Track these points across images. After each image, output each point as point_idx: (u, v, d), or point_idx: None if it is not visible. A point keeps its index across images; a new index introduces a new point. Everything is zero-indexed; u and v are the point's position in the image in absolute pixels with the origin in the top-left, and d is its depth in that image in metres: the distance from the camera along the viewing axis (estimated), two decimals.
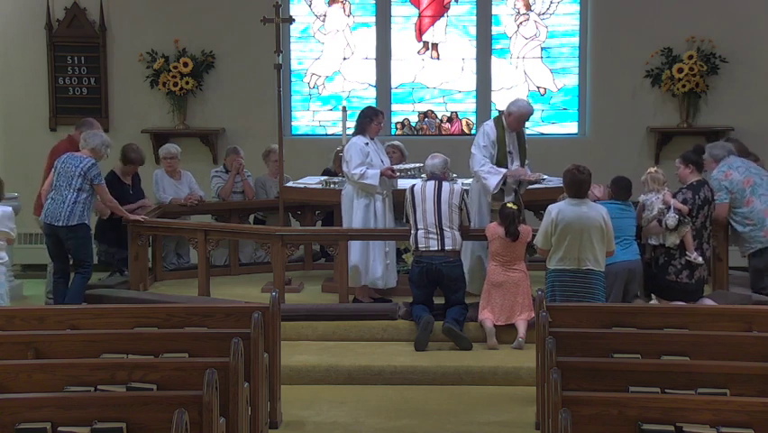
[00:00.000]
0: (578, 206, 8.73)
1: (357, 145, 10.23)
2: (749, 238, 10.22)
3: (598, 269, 8.72)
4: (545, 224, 8.79)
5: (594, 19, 13.30)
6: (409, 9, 13.59)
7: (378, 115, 10.49)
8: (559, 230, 8.67)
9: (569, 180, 8.82)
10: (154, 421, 5.62)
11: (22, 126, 13.37)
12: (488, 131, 10.16)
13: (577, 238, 8.65)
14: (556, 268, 8.73)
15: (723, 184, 10.15)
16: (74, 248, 10.20)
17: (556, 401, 5.73)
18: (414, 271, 9.68)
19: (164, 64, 13.15)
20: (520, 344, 9.32)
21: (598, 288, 8.73)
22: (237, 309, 7.73)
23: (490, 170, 10.02)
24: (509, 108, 10.21)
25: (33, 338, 6.97)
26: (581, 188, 8.77)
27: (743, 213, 10.21)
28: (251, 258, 12.00)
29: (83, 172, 10.10)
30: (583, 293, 8.66)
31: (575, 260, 8.68)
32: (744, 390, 6.14)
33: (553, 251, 8.74)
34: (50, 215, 10.16)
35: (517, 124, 10.17)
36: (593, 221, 8.68)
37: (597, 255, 8.69)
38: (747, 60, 13.08)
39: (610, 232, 8.76)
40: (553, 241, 8.71)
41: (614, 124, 13.23)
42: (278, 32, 10.82)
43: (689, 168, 9.75)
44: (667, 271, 9.53)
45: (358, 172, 10.08)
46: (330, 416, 8.24)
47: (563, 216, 8.68)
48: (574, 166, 8.91)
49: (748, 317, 7.49)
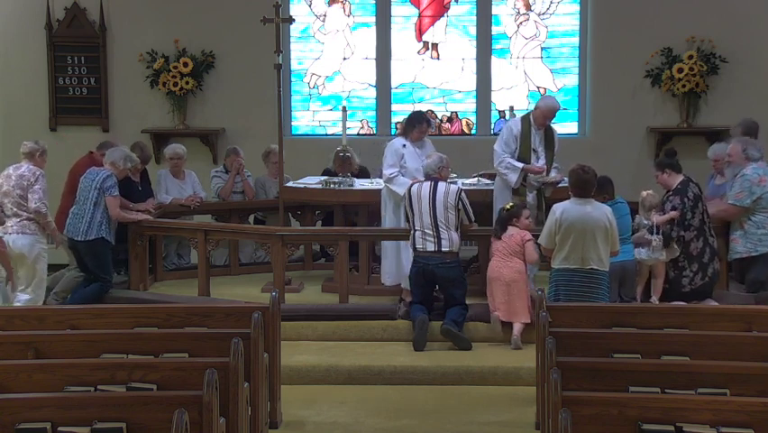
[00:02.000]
0: (582, 205, 8.73)
1: (393, 146, 10.28)
2: (756, 240, 10.10)
3: (602, 268, 8.71)
4: (549, 223, 8.79)
5: (594, 19, 13.30)
6: (409, 9, 13.59)
7: (422, 123, 10.36)
8: (563, 229, 8.66)
9: (574, 180, 8.82)
10: (154, 421, 5.62)
11: (22, 126, 13.35)
12: (511, 125, 10.20)
13: (581, 237, 8.64)
14: (560, 267, 8.72)
15: (754, 189, 9.94)
16: (91, 264, 10.29)
17: (556, 401, 5.73)
18: (412, 271, 9.70)
19: (164, 64, 13.15)
20: (516, 342, 9.34)
21: (603, 287, 8.72)
22: (237, 309, 7.73)
23: (508, 166, 10.04)
24: (537, 103, 10.31)
25: (33, 338, 6.97)
26: (586, 187, 8.77)
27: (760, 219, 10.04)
28: (251, 258, 12.00)
29: (98, 185, 10.16)
30: (587, 293, 8.64)
31: (579, 259, 8.66)
32: (744, 390, 6.14)
33: (557, 250, 8.73)
34: (71, 229, 10.31)
35: (543, 119, 10.18)
36: (598, 221, 8.68)
37: (601, 255, 8.68)
38: (747, 60, 13.08)
39: (615, 232, 8.76)
40: (558, 240, 8.70)
41: (614, 124, 13.23)
42: (278, 32, 10.82)
43: (665, 173, 9.77)
44: (681, 283, 9.59)
45: (387, 173, 10.11)
46: (330, 416, 8.24)
47: (568, 216, 8.68)
48: (579, 166, 8.91)
49: (748, 317, 7.49)
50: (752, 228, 10.03)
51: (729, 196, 10.09)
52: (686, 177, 9.78)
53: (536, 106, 10.26)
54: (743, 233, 10.08)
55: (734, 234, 10.16)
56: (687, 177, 9.79)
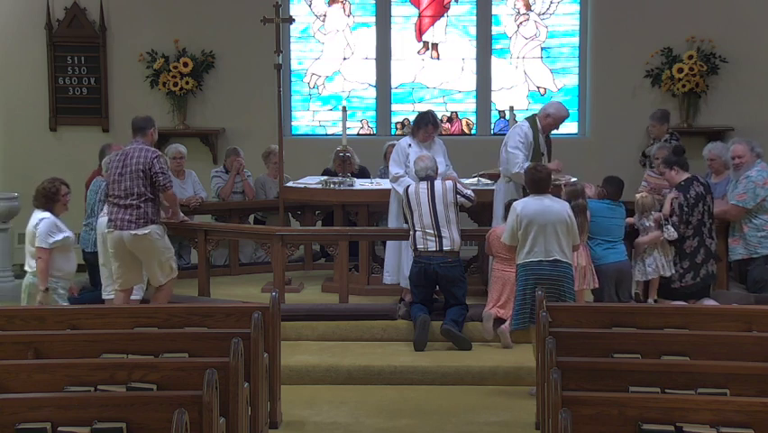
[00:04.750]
0: (541, 199, 8.76)
1: (400, 146, 10.32)
2: (755, 242, 10.10)
3: (566, 260, 8.69)
4: (510, 220, 8.82)
5: (594, 19, 13.30)
6: (409, 9, 13.59)
7: (427, 125, 10.31)
8: (524, 224, 8.67)
9: (529, 179, 8.89)
10: (154, 421, 5.62)
11: (22, 126, 13.37)
12: (525, 131, 10.13)
13: (542, 230, 8.65)
14: (525, 261, 8.70)
15: (758, 191, 9.96)
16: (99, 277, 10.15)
17: (556, 401, 5.73)
18: (412, 271, 9.70)
19: (164, 64, 13.15)
20: (504, 335, 9.33)
21: (568, 278, 8.67)
22: (237, 309, 7.73)
23: None
24: (547, 110, 10.25)
25: (33, 338, 6.97)
26: (541, 185, 8.81)
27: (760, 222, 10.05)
28: (251, 258, 12.01)
29: (102, 197, 10.12)
30: (553, 280, 8.57)
31: (543, 251, 8.64)
32: (744, 390, 6.14)
33: (520, 246, 8.72)
34: (83, 242, 10.34)
35: (555, 126, 10.25)
36: (558, 213, 8.70)
37: (563, 247, 8.65)
38: (747, 60, 13.08)
39: (575, 225, 8.77)
40: (520, 235, 8.71)
41: (614, 124, 13.22)
42: (278, 32, 10.82)
43: (673, 170, 9.80)
44: (671, 279, 9.63)
45: (394, 173, 10.12)
46: (330, 416, 8.24)
47: (528, 210, 8.70)
48: (533, 166, 9.09)
49: (748, 318, 7.49)
50: (752, 231, 10.05)
51: (731, 196, 10.10)
52: (693, 176, 9.81)
53: (547, 114, 10.19)
54: (742, 235, 10.10)
55: (733, 235, 10.18)
56: (694, 176, 9.82)
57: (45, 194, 9.21)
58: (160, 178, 9.35)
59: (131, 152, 9.46)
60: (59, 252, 9.02)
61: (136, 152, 9.43)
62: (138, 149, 9.46)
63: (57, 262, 9.04)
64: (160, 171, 9.35)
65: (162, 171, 9.38)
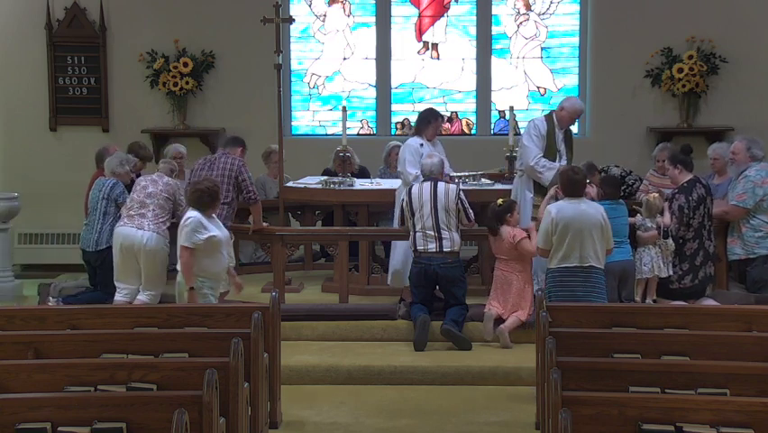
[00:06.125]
0: (577, 204, 8.75)
1: (412, 146, 10.25)
2: (753, 243, 10.09)
3: (600, 266, 8.72)
4: (545, 223, 8.79)
5: (594, 19, 13.30)
6: (409, 9, 13.59)
7: (437, 118, 10.42)
8: (560, 229, 8.66)
9: (565, 180, 8.85)
10: (154, 421, 5.63)
11: (22, 126, 13.36)
12: (538, 124, 10.13)
13: (578, 235, 8.65)
14: (558, 267, 8.71)
15: (757, 190, 9.94)
16: (100, 274, 10.14)
17: (556, 401, 5.73)
18: (413, 272, 9.70)
19: (164, 64, 13.15)
20: (503, 335, 9.34)
21: (600, 285, 8.71)
22: (237, 309, 7.73)
23: (545, 165, 9.93)
24: (562, 104, 10.28)
25: (33, 338, 6.97)
26: (577, 188, 8.80)
27: (757, 223, 10.03)
28: (251, 258, 12.00)
29: (106, 195, 10.10)
30: (585, 290, 8.62)
31: (578, 257, 8.66)
32: (744, 390, 6.14)
33: (554, 250, 8.73)
34: (84, 242, 10.27)
35: (569, 120, 10.23)
36: (593, 218, 8.69)
37: (598, 252, 8.68)
38: (747, 60, 13.07)
39: (609, 230, 8.78)
40: (555, 240, 8.71)
41: (614, 124, 13.22)
42: (278, 32, 10.82)
43: (677, 168, 9.81)
44: (669, 279, 9.63)
45: (413, 172, 10.07)
46: (330, 416, 8.24)
47: (563, 215, 8.69)
48: (569, 167, 9.07)
49: (748, 318, 7.49)
50: (749, 231, 10.04)
51: (731, 196, 10.10)
52: (695, 177, 9.81)
53: (561, 107, 10.20)
54: (740, 235, 10.10)
55: (731, 235, 10.17)
56: (696, 177, 9.82)
57: (210, 193, 8.82)
58: (249, 188, 10.18)
59: (220, 157, 10.34)
60: (203, 252, 8.77)
61: (223, 157, 10.31)
62: (226, 154, 10.34)
63: (202, 262, 8.81)
64: (250, 181, 10.22)
65: (251, 181, 10.26)
